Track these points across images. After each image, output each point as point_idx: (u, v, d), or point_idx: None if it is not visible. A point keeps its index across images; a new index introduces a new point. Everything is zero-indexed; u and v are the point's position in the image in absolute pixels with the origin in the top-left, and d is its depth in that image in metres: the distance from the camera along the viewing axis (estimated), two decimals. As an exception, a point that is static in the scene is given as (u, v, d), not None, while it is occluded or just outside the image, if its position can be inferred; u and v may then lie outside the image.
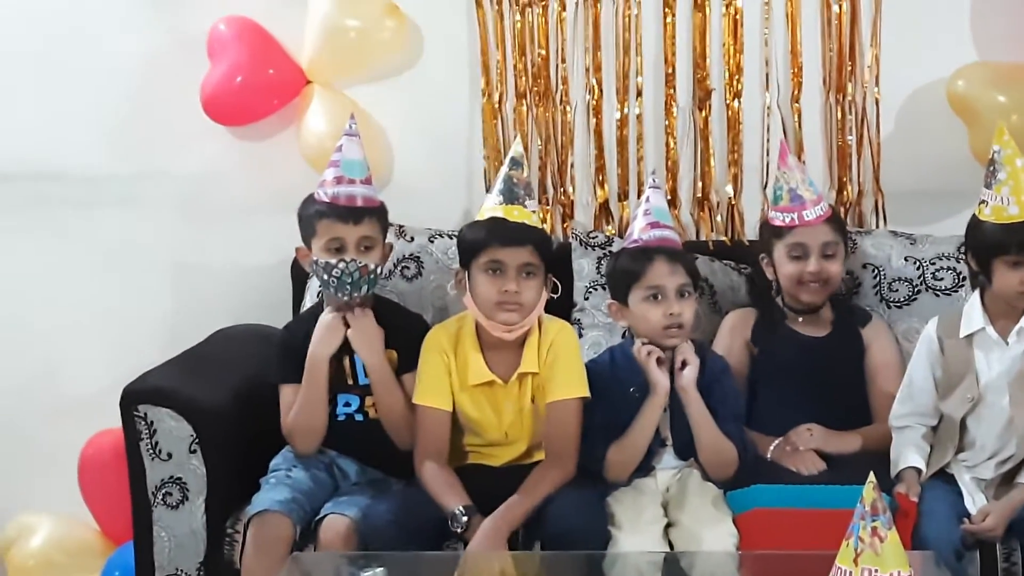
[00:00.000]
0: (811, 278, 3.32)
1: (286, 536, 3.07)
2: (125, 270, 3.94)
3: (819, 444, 3.23)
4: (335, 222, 3.22)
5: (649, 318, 3.13)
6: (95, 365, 3.89)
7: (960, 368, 3.12)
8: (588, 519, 3.00)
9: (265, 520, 3.08)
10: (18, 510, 3.89)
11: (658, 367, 3.10)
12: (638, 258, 3.16)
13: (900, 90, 3.73)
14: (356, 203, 3.23)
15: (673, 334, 3.12)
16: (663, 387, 3.10)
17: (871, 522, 2.37)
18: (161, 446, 3.21)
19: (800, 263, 3.33)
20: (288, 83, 3.80)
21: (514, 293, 3.12)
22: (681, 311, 3.12)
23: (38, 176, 3.94)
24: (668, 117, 3.78)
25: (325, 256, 3.21)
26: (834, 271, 3.34)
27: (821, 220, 3.33)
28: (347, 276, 3.19)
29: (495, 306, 3.14)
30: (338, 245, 3.22)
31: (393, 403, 3.22)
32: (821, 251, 3.32)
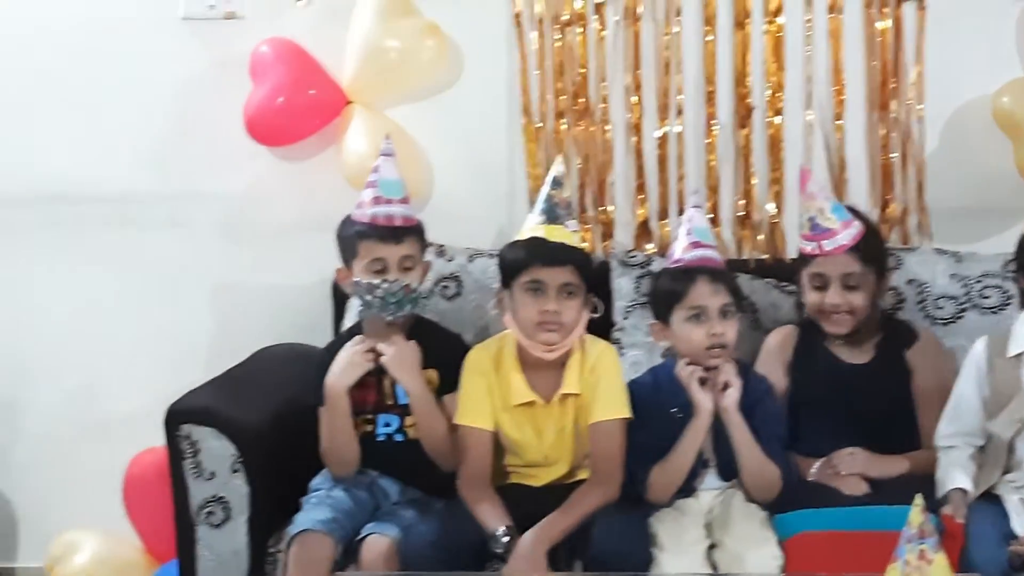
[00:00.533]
0: (831, 309, 3.27)
1: (327, 556, 3.06)
2: (168, 290, 3.97)
3: (861, 468, 3.20)
4: (376, 242, 3.22)
5: (691, 338, 3.12)
6: (139, 385, 3.91)
7: (1009, 388, 3.08)
8: (631, 540, 2.99)
9: (306, 540, 3.08)
10: (64, 528, 3.90)
11: (701, 388, 3.09)
12: (680, 278, 3.15)
13: (944, 106, 3.71)
14: (396, 223, 3.23)
15: (716, 354, 3.10)
16: (707, 409, 3.08)
17: (918, 545, 2.37)
18: (204, 465, 3.22)
19: (821, 293, 3.28)
20: (329, 103, 3.81)
21: (554, 313, 3.11)
22: (724, 331, 3.10)
23: (82, 198, 3.97)
24: (709, 135, 3.77)
25: (367, 276, 3.21)
26: (857, 303, 3.26)
27: (842, 250, 3.24)
28: (391, 296, 3.19)
29: (536, 326, 3.13)
30: (380, 266, 3.21)
31: (434, 426, 3.21)
32: (842, 282, 3.25)
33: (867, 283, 3.27)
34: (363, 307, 3.25)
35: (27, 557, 4.09)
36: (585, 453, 3.20)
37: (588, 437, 3.18)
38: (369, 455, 3.26)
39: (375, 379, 3.24)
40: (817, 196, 3.28)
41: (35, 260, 4.00)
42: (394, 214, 3.24)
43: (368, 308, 3.22)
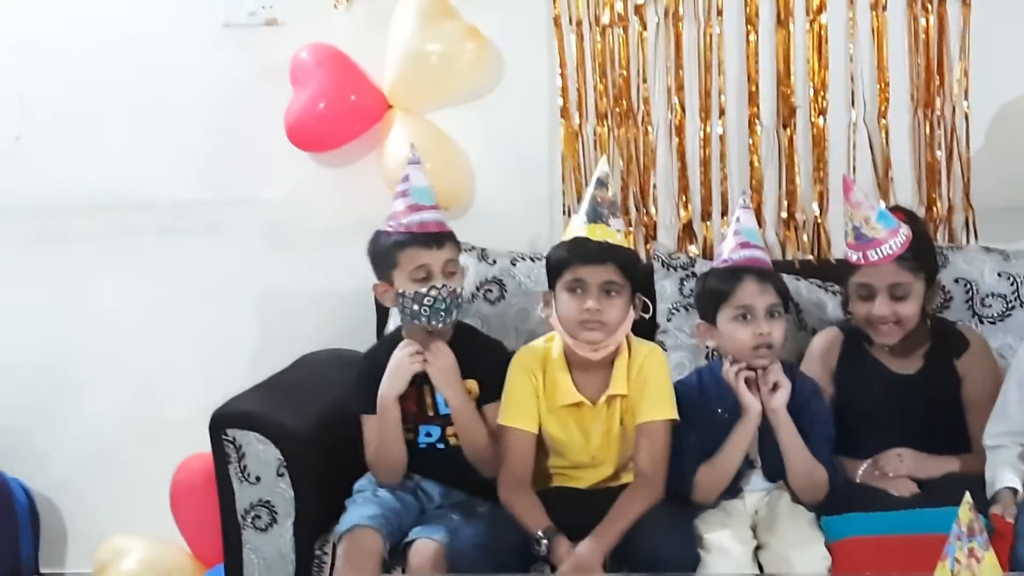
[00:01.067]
0: (879, 320, 3.21)
1: (377, 550, 3.07)
2: (213, 297, 3.99)
3: (909, 470, 3.17)
4: (420, 249, 3.19)
5: (738, 338, 3.11)
6: (185, 391, 3.93)
7: (1057, 385, 3.05)
8: (677, 543, 2.97)
9: (355, 536, 3.08)
10: (111, 532, 3.92)
11: (748, 389, 3.07)
12: (727, 278, 3.14)
13: (990, 103, 3.68)
14: (433, 228, 3.22)
15: (763, 354, 3.09)
16: (755, 410, 3.07)
17: (967, 543, 2.34)
18: (250, 469, 3.23)
19: (868, 304, 3.22)
20: (370, 108, 3.82)
21: (595, 311, 3.10)
22: (770, 331, 3.08)
23: (127, 206, 3.99)
24: (752, 136, 3.76)
25: (412, 286, 3.18)
26: (905, 313, 3.20)
27: (888, 260, 3.17)
28: (440, 303, 3.17)
29: (578, 325, 3.13)
30: (424, 273, 3.18)
31: (476, 436, 3.21)
32: (889, 292, 3.19)
33: (916, 292, 3.21)
34: (410, 317, 3.21)
35: (76, 563, 4.12)
36: (631, 455, 3.19)
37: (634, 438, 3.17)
38: (412, 461, 3.26)
39: (415, 389, 3.23)
40: (862, 204, 3.20)
41: (83, 268, 4.03)
42: (431, 220, 3.22)
43: (415, 318, 3.19)
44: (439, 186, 3.74)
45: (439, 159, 3.79)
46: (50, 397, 4.07)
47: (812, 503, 3.09)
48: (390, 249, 3.21)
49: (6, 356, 4.05)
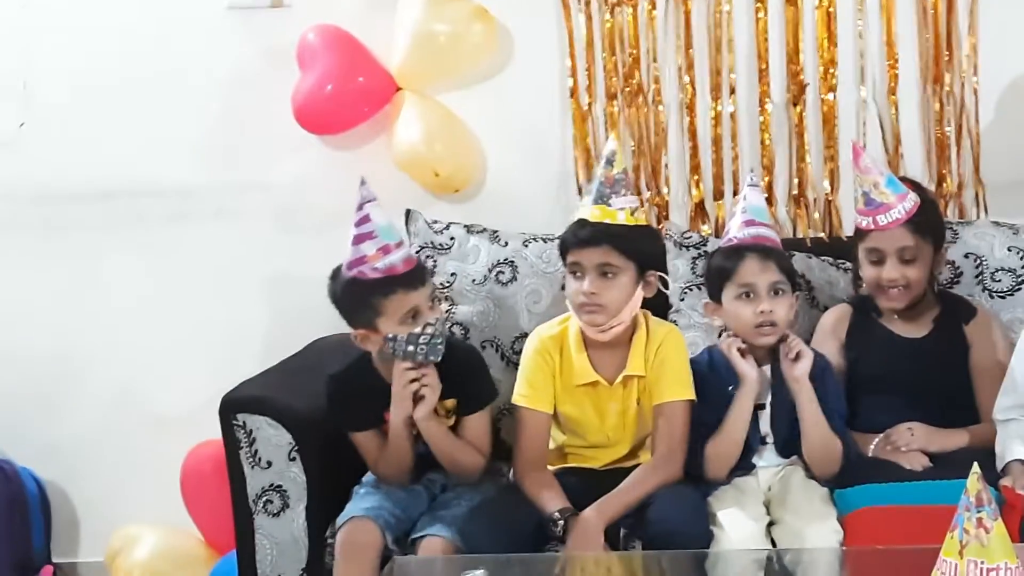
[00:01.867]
0: (889, 284, 3.24)
1: (373, 541, 3.05)
2: (222, 282, 3.98)
3: (921, 444, 3.16)
4: (406, 292, 3.07)
5: (741, 316, 3.11)
6: (195, 377, 3.92)
7: (1065, 358, 3.04)
8: (690, 519, 2.97)
9: (352, 527, 3.08)
10: (123, 521, 3.93)
11: (743, 359, 3.07)
12: (731, 256, 3.15)
13: (999, 79, 3.66)
14: (412, 266, 3.11)
15: (766, 332, 3.09)
16: (751, 378, 3.08)
17: (976, 513, 2.33)
18: (261, 454, 3.23)
19: (878, 268, 3.25)
20: (378, 90, 3.81)
21: (591, 294, 3.09)
22: (773, 308, 3.08)
23: (134, 193, 3.99)
24: (762, 114, 3.74)
25: (401, 328, 3.07)
26: (914, 276, 3.23)
27: (897, 224, 3.20)
28: (437, 338, 3.08)
29: (578, 307, 3.13)
30: (414, 314, 3.08)
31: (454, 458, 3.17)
32: (898, 256, 3.22)
33: (924, 256, 3.24)
34: (402, 357, 3.09)
35: (87, 552, 4.13)
36: (646, 435, 3.19)
37: (651, 418, 3.16)
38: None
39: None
40: (871, 170, 3.25)
41: (90, 255, 4.03)
42: (405, 258, 3.11)
43: (410, 358, 3.08)
44: (450, 167, 3.77)
45: (449, 140, 3.79)
46: (59, 386, 4.06)
47: (827, 476, 3.09)
48: (370, 297, 3.07)
49: (15, 345, 4.05)
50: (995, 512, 2.32)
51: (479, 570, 2.56)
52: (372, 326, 3.10)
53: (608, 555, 2.95)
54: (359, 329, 3.13)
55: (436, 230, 3.68)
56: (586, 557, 2.93)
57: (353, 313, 3.14)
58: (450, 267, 3.63)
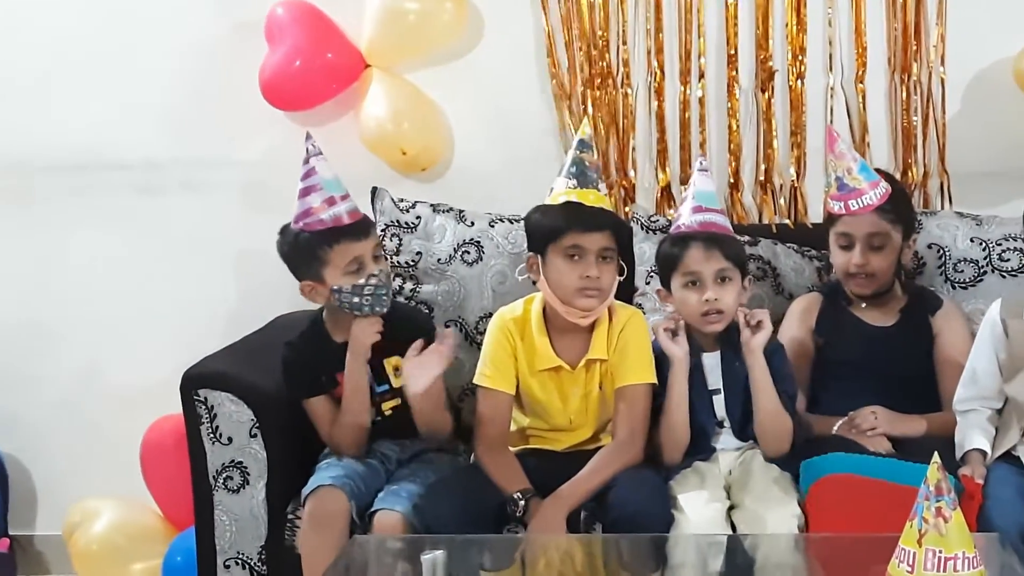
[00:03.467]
0: (856, 270, 3.26)
1: (342, 510, 3.06)
2: (187, 257, 3.97)
3: (884, 428, 3.19)
4: (352, 242, 3.13)
5: (688, 303, 3.13)
6: (157, 351, 3.90)
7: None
8: (651, 503, 2.98)
9: (320, 496, 3.08)
10: (81, 495, 3.91)
11: (672, 340, 3.10)
12: (677, 244, 3.17)
13: (966, 69, 3.67)
14: (357, 217, 3.17)
15: (712, 320, 3.11)
16: (677, 358, 3.10)
17: (935, 502, 2.35)
18: (221, 430, 3.22)
19: (847, 253, 3.27)
20: (347, 67, 3.79)
21: (595, 279, 3.10)
22: (718, 296, 3.10)
23: (100, 165, 3.97)
24: (731, 99, 3.74)
25: (346, 280, 3.13)
26: (879, 266, 3.26)
27: (869, 210, 3.23)
28: (380, 289, 3.14)
29: (575, 292, 3.12)
30: (358, 265, 3.14)
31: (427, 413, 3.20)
32: (867, 242, 3.24)
33: (892, 244, 3.26)
34: (348, 309, 3.15)
35: (45, 525, 4.11)
36: (609, 419, 3.20)
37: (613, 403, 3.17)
38: None
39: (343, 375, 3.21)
40: (845, 156, 3.27)
41: (55, 227, 4.01)
42: (351, 210, 3.16)
43: (356, 309, 3.14)
44: (417, 146, 3.75)
45: (417, 119, 3.78)
46: (20, 358, 4.04)
47: (776, 453, 3.10)
48: (314, 247, 3.13)
49: (-23, 316, 4.02)
50: (954, 502, 2.34)
51: (438, 551, 2.55)
52: (319, 277, 3.15)
53: (568, 537, 2.95)
54: (306, 281, 3.18)
55: (402, 208, 3.67)
56: (547, 539, 2.93)
57: (300, 265, 3.19)
58: (415, 246, 3.63)
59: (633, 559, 2.90)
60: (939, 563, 2.35)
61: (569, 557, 2.94)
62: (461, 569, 2.68)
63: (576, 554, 2.96)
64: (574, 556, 2.95)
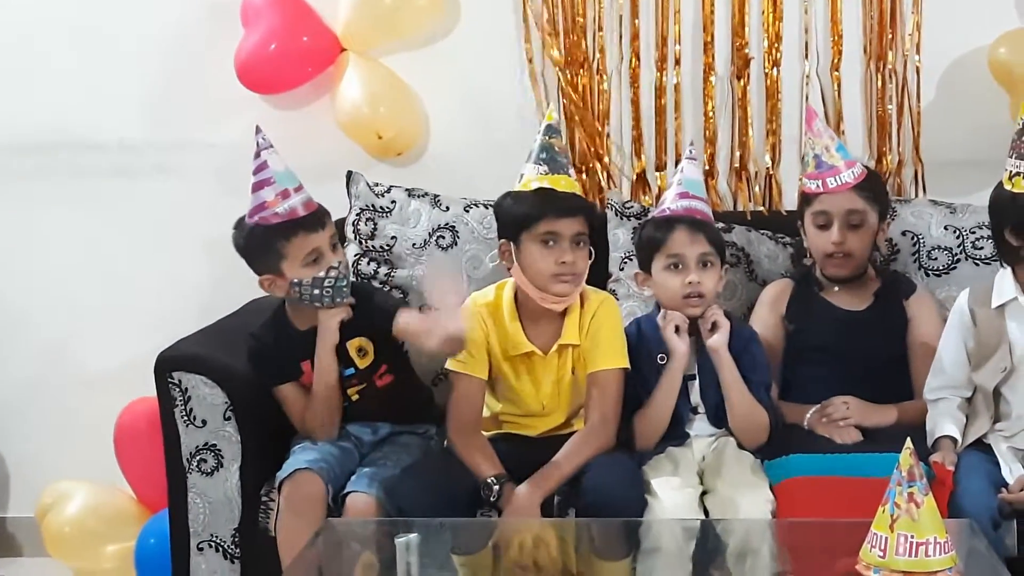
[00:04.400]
0: (834, 249, 3.26)
1: (318, 493, 3.07)
2: (161, 239, 3.95)
3: (856, 419, 3.20)
4: (307, 235, 3.12)
5: (669, 286, 3.14)
6: (132, 334, 3.89)
7: (993, 339, 3.08)
8: (624, 488, 2.99)
9: (296, 480, 3.08)
10: (55, 477, 3.90)
11: (677, 335, 3.10)
12: (661, 227, 3.18)
13: (941, 58, 3.69)
14: (312, 208, 3.15)
15: (693, 303, 3.12)
16: (679, 353, 3.10)
17: (907, 488, 2.37)
18: (195, 413, 3.22)
19: (824, 233, 3.27)
20: (322, 51, 3.78)
21: (571, 264, 3.10)
22: (700, 280, 3.11)
23: (75, 146, 3.95)
24: (706, 86, 3.75)
25: (305, 272, 3.12)
26: (857, 245, 3.26)
27: (846, 188, 3.25)
28: (341, 280, 3.14)
29: (551, 278, 3.12)
30: (316, 256, 3.13)
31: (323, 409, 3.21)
32: (845, 220, 3.25)
33: (869, 224, 3.28)
34: (309, 302, 3.15)
35: (18, 507, 4.10)
36: (581, 403, 3.21)
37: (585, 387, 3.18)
38: None
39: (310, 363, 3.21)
40: (823, 134, 3.30)
41: (29, 208, 3.99)
42: (305, 202, 3.15)
43: (316, 301, 3.14)
44: (393, 130, 3.75)
45: (393, 103, 3.78)
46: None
47: (753, 446, 3.13)
48: (272, 241, 3.12)
49: (-53, 297, 4.01)
50: (926, 487, 2.36)
51: (412, 534, 2.56)
52: (277, 271, 3.15)
53: (542, 521, 2.96)
54: (264, 275, 3.17)
55: (377, 193, 3.67)
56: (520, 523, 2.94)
57: (257, 259, 3.17)
58: (390, 230, 3.62)
59: (606, 543, 2.90)
60: (911, 548, 2.37)
61: (542, 541, 2.95)
62: (434, 552, 2.68)
63: (549, 538, 2.97)
64: (547, 540, 2.96)
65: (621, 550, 2.89)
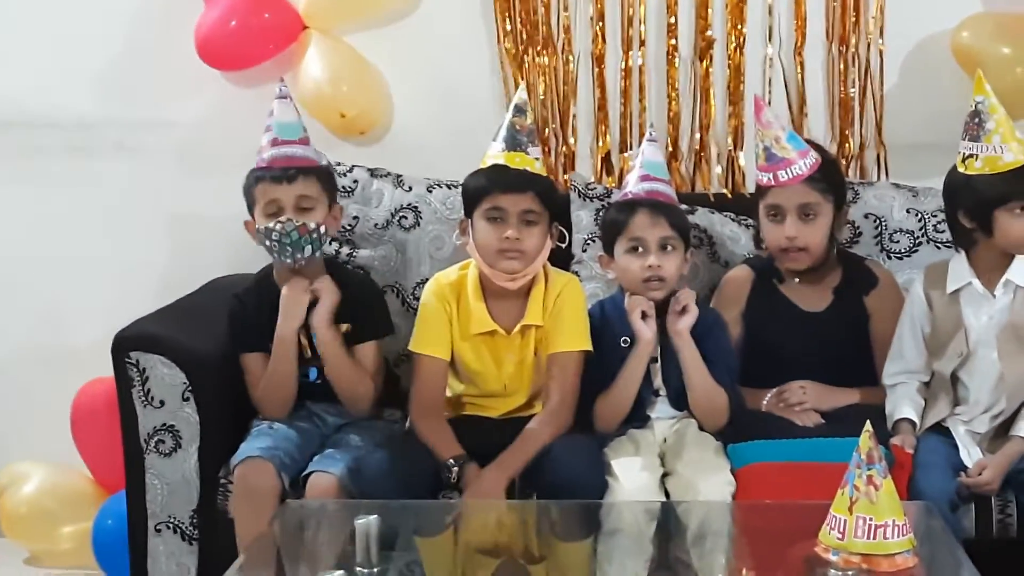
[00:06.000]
0: (788, 243, 3.22)
1: (270, 481, 3.05)
2: (120, 218, 3.92)
3: (813, 403, 3.20)
4: (271, 184, 3.17)
5: (630, 269, 3.14)
6: (89, 314, 3.86)
7: (949, 324, 3.09)
8: (585, 469, 2.99)
9: (248, 467, 3.07)
10: (11, 458, 3.87)
11: (643, 320, 3.09)
12: (623, 210, 3.18)
13: (904, 41, 3.69)
14: (294, 162, 3.18)
15: (653, 286, 3.12)
16: (645, 339, 3.10)
17: (867, 470, 2.38)
18: (153, 393, 3.20)
19: (778, 226, 3.24)
20: (284, 28, 3.75)
21: (515, 240, 3.10)
22: (661, 264, 3.11)
23: (32, 123, 3.91)
24: (670, 68, 3.74)
25: (265, 221, 3.17)
26: (811, 238, 3.22)
27: (798, 180, 3.20)
28: (285, 237, 3.14)
29: (496, 253, 3.12)
30: (275, 208, 3.17)
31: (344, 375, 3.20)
32: (798, 213, 3.21)
33: (824, 215, 3.24)
34: (268, 253, 3.21)
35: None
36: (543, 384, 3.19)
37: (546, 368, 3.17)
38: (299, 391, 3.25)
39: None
40: (772, 124, 3.24)
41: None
42: (288, 154, 3.19)
43: (270, 253, 3.20)
44: (356, 109, 3.72)
45: (356, 82, 3.76)
46: (-51, 320, 3.98)
47: (713, 429, 3.13)
48: (251, 185, 3.22)
49: (-97, 278, 3.96)
50: (885, 470, 2.37)
51: (371, 516, 2.54)
52: (252, 215, 3.22)
53: (502, 503, 2.96)
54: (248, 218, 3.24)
55: (339, 172, 3.64)
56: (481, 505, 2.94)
57: (246, 201, 3.25)
58: (352, 210, 3.60)
59: (567, 525, 2.90)
60: (869, 530, 2.38)
61: (503, 523, 2.94)
62: (394, 534, 2.67)
63: (510, 520, 2.96)
64: (508, 522, 2.95)
65: (582, 532, 2.88)
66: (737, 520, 2.89)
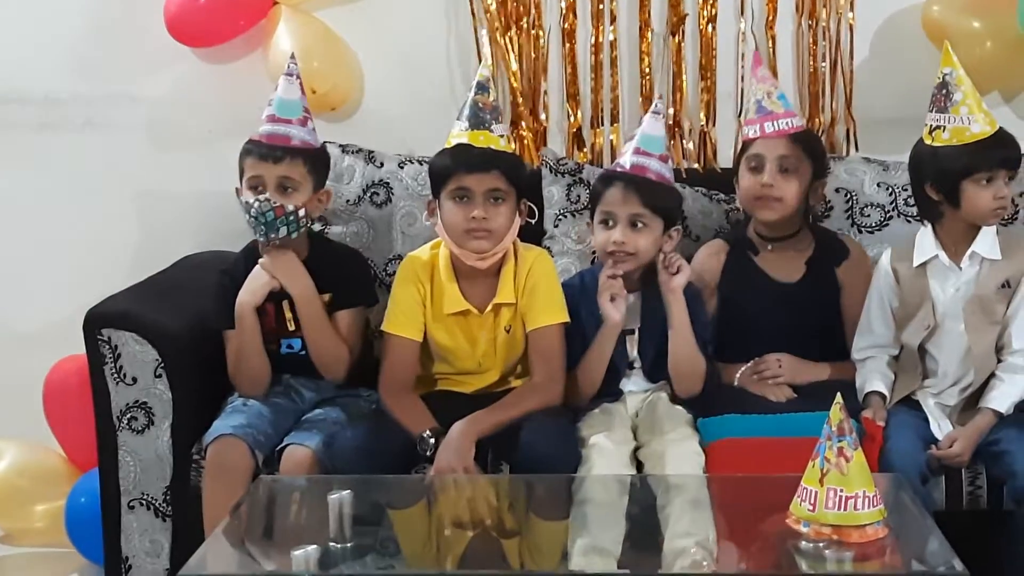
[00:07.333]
0: (762, 191, 3.25)
1: (242, 460, 3.05)
2: (90, 196, 3.90)
3: (788, 376, 3.22)
4: (257, 160, 3.18)
5: (598, 240, 3.17)
6: (60, 291, 3.85)
7: (916, 297, 3.11)
8: (558, 442, 3.00)
9: (220, 445, 3.07)
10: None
11: (610, 302, 3.10)
12: (602, 181, 3.21)
13: (875, 16, 3.70)
14: (283, 142, 3.18)
15: (618, 258, 3.13)
16: (612, 321, 3.12)
17: (837, 442, 2.39)
18: (126, 370, 3.19)
19: (756, 176, 3.26)
20: (254, 3, 3.73)
21: (482, 219, 3.09)
22: (626, 240, 3.12)
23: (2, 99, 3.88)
24: (642, 43, 3.74)
25: (247, 195, 3.19)
26: (787, 190, 3.25)
27: (783, 134, 3.26)
28: (260, 216, 3.14)
29: (464, 233, 3.11)
30: (256, 184, 3.18)
31: (319, 332, 3.21)
32: (778, 164, 3.25)
33: (802, 174, 3.27)
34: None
35: (-54, 467, 4.03)
36: (516, 361, 3.21)
37: (521, 345, 3.18)
38: (277, 365, 3.25)
39: (274, 306, 3.22)
40: (767, 79, 3.33)
41: (-48, 161, 3.92)
42: (283, 133, 3.20)
43: (250, 227, 3.21)
44: (327, 85, 3.71)
45: (327, 58, 3.75)
46: (-82, 297, 3.96)
47: (687, 394, 3.15)
48: (242, 156, 3.23)
49: None
50: (855, 442, 2.38)
51: (345, 491, 2.55)
52: (240, 183, 3.23)
53: (475, 477, 2.96)
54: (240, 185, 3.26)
55: (310, 148, 3.63)
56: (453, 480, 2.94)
57: (239, 168, 3.25)
58: (324, 186, 3.59)
59: (540, 499, 2.91)
60: (840, 502, 2.39)
61: (476, 497, 2.95)
62: (367, 509, 2.67)
63: (483, 494, 2.97)
64: (481, 496, 2.96)
65: (555, 506, 2.88)
66: (709, 492, 2.89)
